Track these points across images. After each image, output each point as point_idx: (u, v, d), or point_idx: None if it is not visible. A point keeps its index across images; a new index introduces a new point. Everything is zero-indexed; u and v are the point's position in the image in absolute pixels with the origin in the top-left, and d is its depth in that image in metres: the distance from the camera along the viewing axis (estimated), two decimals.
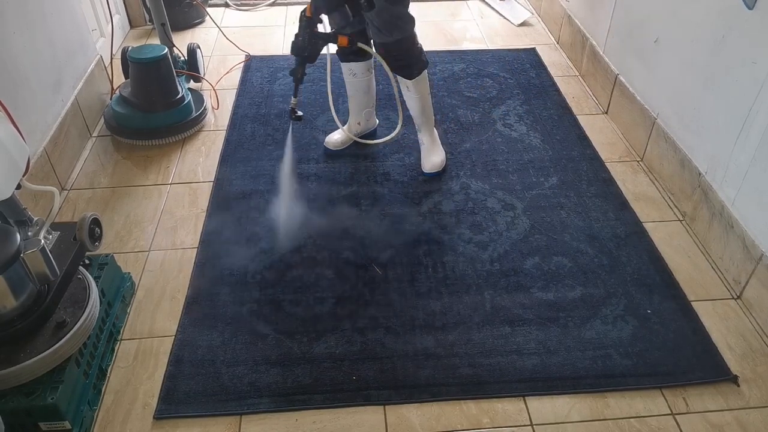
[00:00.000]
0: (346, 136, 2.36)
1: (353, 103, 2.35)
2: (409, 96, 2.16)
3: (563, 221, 2.07)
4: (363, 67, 2.21)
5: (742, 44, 1.79)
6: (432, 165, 2.26)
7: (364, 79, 2.25)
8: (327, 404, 1.53)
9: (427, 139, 2.28)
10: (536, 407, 1.53)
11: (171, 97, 2.41)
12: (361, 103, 2.34)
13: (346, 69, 2.22)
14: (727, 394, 1.57)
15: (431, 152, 2.28)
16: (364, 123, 2.40)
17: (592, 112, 2.67)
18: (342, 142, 2.37)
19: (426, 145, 2.28)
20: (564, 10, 3.11)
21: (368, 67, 2.22)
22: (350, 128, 2.39)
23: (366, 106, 2.35)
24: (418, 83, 2.11)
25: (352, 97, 2.33)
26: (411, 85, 2.11)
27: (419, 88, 2.12)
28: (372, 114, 2.42)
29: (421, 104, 2.17)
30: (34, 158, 2.01)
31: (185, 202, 2.16)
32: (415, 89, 2.12)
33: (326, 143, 2.37)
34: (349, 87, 2.28)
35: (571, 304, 1.79)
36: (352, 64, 2.19)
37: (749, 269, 1.77)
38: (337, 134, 2.38)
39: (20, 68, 1.99)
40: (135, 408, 1.53)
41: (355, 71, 2.21)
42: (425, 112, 2.21)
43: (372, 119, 2.44)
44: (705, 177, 1.99)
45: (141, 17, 3.33)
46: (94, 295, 1.53)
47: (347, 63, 2.19)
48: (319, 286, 1.83)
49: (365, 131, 2.43)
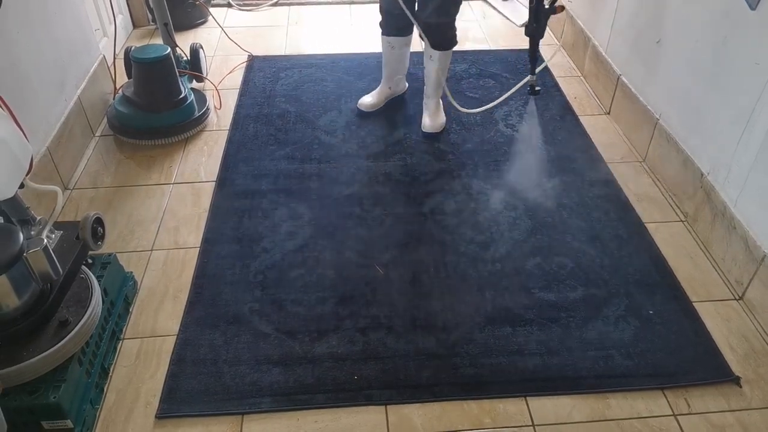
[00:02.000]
0: (378, 99, 2.63)
1: (387, 70, 2.60)
2: (430, 64, 2.40)
3: (565, 222, 2.07)
4: (402, 42, 2.48)
5: (744, 45, 1.79)
6: (432, 126, 2.49)
7: (400, 52, 2.52)
8: (329, 404, 1.53)
9: (433, 105, 2.52)
10: (537, 407, 1.53)
11: (174, 97, 2.42)
12: (394, 70, 2.60)
13: (386, 41, 2.48)
14: (729, 395, 1.56)
15: (435, 115, 2.52)
16: (394, 87, 2.67)
17: (595, 113, 2.67)
18: (373, 105, 2.62)
19: (431, 109, 2.52)
20: (566, 10, 3.11)
21: (406, 42, 2.50)
22: (382, 92, 2.64)
23: (398, 73, 2.62)
24: (442, 56, 2.37)
25: (387, 65, 2.58)
26: (436, 55, 2.36)
27: (442, 60, 2.38)
28: (402, 80, 2.70)
29: (438, 74, 2.42)
30: (38, 157, 2.01)
31: (188, 201, 2.16)
32: (438, 60, 2.37)
33: (359, 105, 2.62)
34: (386, 57, 2.55)
35: (572, 304, 1.79)
36: (392, 38, 2.46)
37: (751, 270, 1.77)
38: (368, 97, 2.63)
39: (24, 68, 2.00)
40: (137, 407, 1.53)
41: (393, 45, 2.48)
42: (439, 82, 2.45)
43: (402, 84, 2.71)
44: (707, 178, 1.98)
45: (144, 17, 3.33)
46: (96, 295, 1.53)
47: (388, 37, 2.46)
48: (321, 286, 1.84)
49: (395, 95, 2.70)
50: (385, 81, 2.63)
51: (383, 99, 2.63)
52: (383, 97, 2.63)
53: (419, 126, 2.52)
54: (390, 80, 2.62)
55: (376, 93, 2.63)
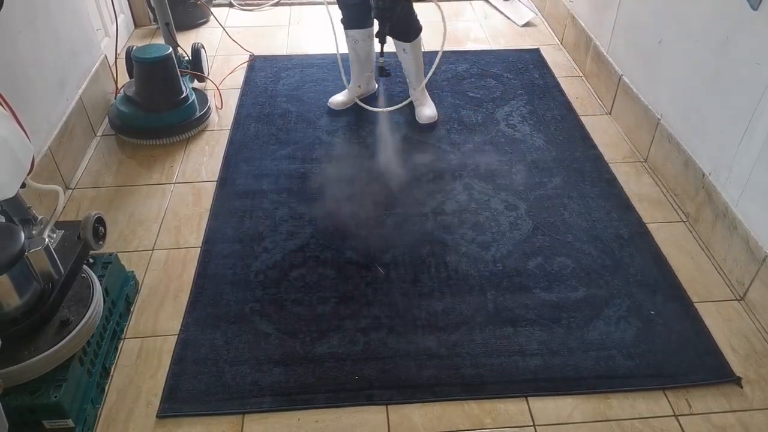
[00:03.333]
0: (348, 98, 2.63)
1: (355, 67, 2.60)
2: (405, 57, 2.45)
3: (566, 222, 2.07)
4: (364, 34, 2.48)
5: (746, 45, 1.79)
6: (427, 117, 2.54)
7: (364, 44, 2.51)
8: (329, 404, 1.53)
9: (419, 95, 2.57)
10: (539, 408, 1.53)
11: (175, 97, 2.42)
12: (362, 67, 2.60)
13: (349, 37, 2.49)
14: (731, 395, 1.56)
15: (424, 106, 2.57)
16: (364, 86, 2.68)
17: (596, 113, 2.67)
18: (344, 103, 2.64)
19: (419, 100, 2.58)
20: (568, 10, 3.11)
21: (369, 34, 2.49)
22: (351, 91, 2.65)
23: (366, 70, 2.62)
24: (414, 46, 2.42)
25: (354, 62, 2.58)
26: (408, 47, 2.41)
27: (415, 51, 2.43)
28: (371, 78, 2.70)
29: (416, 65, 2.48)
30: (39, 157, 2.01)
31: (189, 201, 2.16)
32: (411, 51, 2.42)
33: (330, 103, 2.63)
34: (352, 53, 2.55)
35: (573, 304, 1.79)
36: (354, 32, 2.46)
37: (753, 270, 1.77)
38: (340, 96, 2.65)
39: (25, 67, 2.00)
40: (138, 406, 1.53)
41: (356, 38, 2.48)
42: (418, 72, 2.51)
43: (372, 83, 2.72)
44: (709, 178, 1.98)
45: (145, 17, 3.34)
46: (97, 294, 1.53)
47: (351, 30, 2.46)
48: (321, 286, 1.84)
49: (366, 94, 2.71)
50: (355, 80, 2.64)
51: (353, 97, 2.64)
52: (353, 95, 2.64)
53: (420, 126, 2.53)
54: (359, 78, 2.63)
55: (347, 92, 2.65)
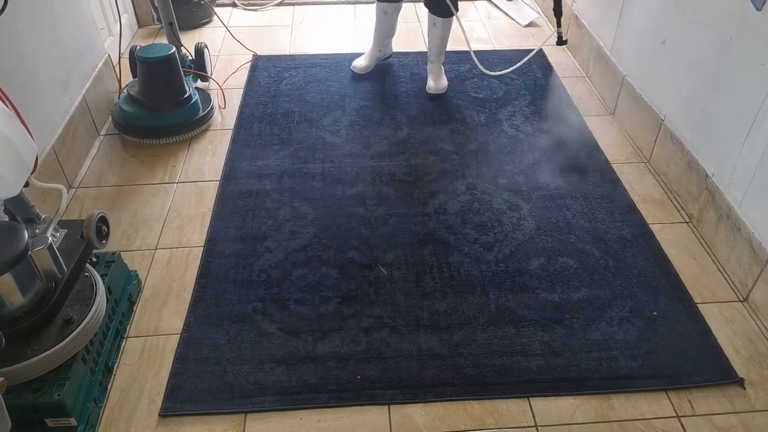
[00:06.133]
0: (369, 61, 2.90)
1: (378, 35, 2.87)
2: (434, 30, 2.65)
3: (569, 222, 2.07)
4: (394, 8, 2.75)
5: (750, 46, 1.79)
6: (437, 87, 2.74)
7: (392, 17, 2.79)
8: (331, 403, 1.54)
9: (436, 69, 2.76)
10: (541, 408, 1.53)
11: (178, 96, 2.42)
12: (384, 35, 2.88)
13: (380, 8, 2.75)
14: (733, 397, 1.56)
15: (438, 78, 2.76)
16: (384, 50, 2.95)
17: (599, 113, 2.66)
18: (366, 67, 2.90)
19: (434, 73, 2.76)
20: (571, 11, 3.10)
21: (398, 8, 2.77)
22: (372, 55, 2.92)
23: (387, 37, 2.91)
24: (445, 23, 2.62)
25: (378, 31, 2.85)
26: (440, 23, 2.61)
27: (445, 27, 2.63)
28: (389, 44, 2.98)
29: (441, 41, 2.68)
30: (42, 156, 2.02)
31: (192, 200, 2.17)
32: (442, 26, 2.63)
33: (353, 67, 2.90)
34: (379, 22, 2.82)
35: (576, 305, 1.78)
36: (386, 4, 2.73)
37: (756, 272, 1.77)
38: (362, 60, 2.91)
39: (29, 67, 2.00)
40: (140, 405, 1.54)
41: (387, 10, 2.75)
42: (441, 48, 2.71)
43: (389, 48, 2.99)
44: (712, 179, 1.98)
45: (149, 16, 3.34)
46: (100, 293, 1.54)
47: (382, 3, 2.73)
48: (324, 286, 1.84)
49: (383, 57, 2.99)
50: (376, 45, 2.90)
51: (374, 61, 2.92)
52: (374, 59, 2.92)
53: (422, 124, 2.54)
54: (380, 44, 2.90)
55: (367, 56, 2.91)
